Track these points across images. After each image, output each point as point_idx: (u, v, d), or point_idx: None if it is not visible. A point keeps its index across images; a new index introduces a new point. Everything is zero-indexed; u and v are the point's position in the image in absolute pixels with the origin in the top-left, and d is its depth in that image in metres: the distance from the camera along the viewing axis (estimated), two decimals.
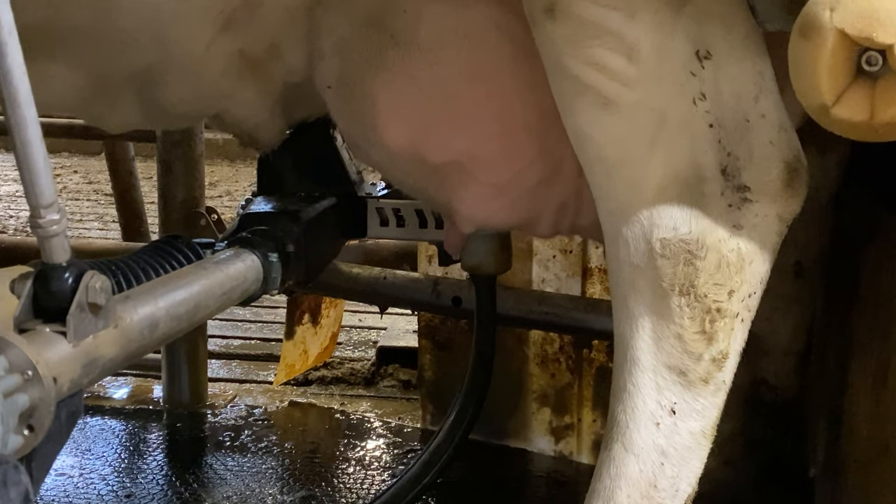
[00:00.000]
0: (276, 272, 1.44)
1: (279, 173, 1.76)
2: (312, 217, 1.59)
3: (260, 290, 1.41)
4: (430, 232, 1.82)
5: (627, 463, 1.26)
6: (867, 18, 0.89)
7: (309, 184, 1.74)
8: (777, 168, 1.23)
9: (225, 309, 1.31)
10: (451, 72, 1.44)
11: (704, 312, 1.24)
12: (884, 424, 1.58)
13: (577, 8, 1.18)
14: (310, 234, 1.55)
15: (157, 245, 1.30)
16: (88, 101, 1.48)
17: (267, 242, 1.45)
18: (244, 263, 1.36)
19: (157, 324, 1.09)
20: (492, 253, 1.88)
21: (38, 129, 0.93)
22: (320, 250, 1.62)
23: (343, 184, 1.76)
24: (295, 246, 1.49)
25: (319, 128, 1.76)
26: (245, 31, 1.40)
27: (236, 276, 1.32)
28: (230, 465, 2.58)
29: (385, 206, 1.79)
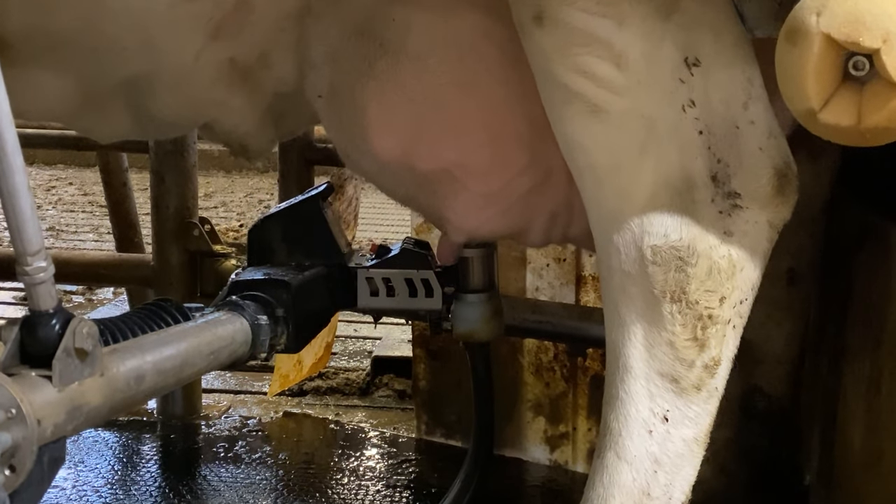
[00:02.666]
0: (264, 335, 1.46)
1: (269, 246, 1.78)
2: (302, 284, 1.62)
3: (248, 353, 1.42)
4: (420, 301, 1.83)
5: (620, 471, 1.26)
6: (853, 23, 0.89)
7: (299, 256, 1.76)
8: (767, 174, 1.23)
9: (213, 370, 1.33)
10: (441, 80, 1.44)
11: (696, 319, 1.24)
12: (877, 431, 1.58)
13: (566, 16, 1.19)
14: (299, 300, 1.57)
15: (147, 307, 1.32)
16: (78, 111, 1.47)
17: (256, 306, 1.47)
18: (233, 326, 1.38)
19: (144, 376, 1.10)
20: (483, 320, 1.89)
21: (25, 178, 0.94)
22: (310, 317, 1.64)
23: (333, 255, 1.79)
24: (284, 311, 1.52)
25: (309, 201, 1.81)
26: (235, 40, 1.40)
27: (225, 337, 1.34)
28: (224, 476, 2.57)
29: (375, 276, 1.81)
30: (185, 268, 2.69)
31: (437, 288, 1.82)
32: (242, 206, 6.74)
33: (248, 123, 1.57)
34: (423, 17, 1.42)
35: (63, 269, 2.92)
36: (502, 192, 1.54)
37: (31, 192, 0.95)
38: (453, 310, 1.89)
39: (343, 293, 1.80)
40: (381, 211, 5.76)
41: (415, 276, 1.81)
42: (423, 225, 2.57)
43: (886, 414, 1.54)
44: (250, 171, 7.64)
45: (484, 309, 1.89)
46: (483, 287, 1.89)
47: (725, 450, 2.06)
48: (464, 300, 1.89)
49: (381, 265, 1.81)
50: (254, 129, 1.59)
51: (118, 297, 4.21)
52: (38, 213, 3.60)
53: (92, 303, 4.26)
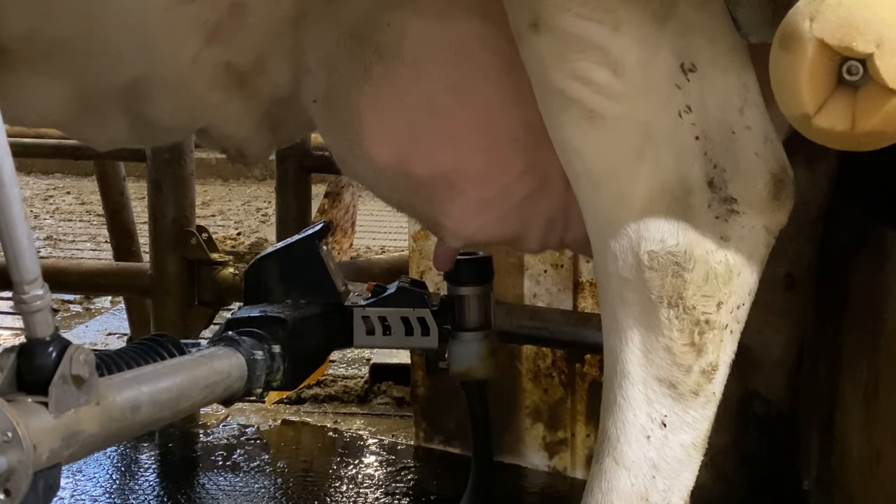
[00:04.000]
0: (260, 370, 1.46)
1: (266, 284, 1.78)
2: (298, 322, 1.62)
3: (244, 389, 1.42)
4: (416, 339, 1.83)
5: (619, 476, 1.26)
6: (846, 28, 0.90)
7: (295, 294, 1.76)
8: (763, 179, 1.23)
9: (208, 404, 1.33)
10: (437, 86, 1.44)
11: (693, 324, 1.24)
12: (875, 436, 1.58)
13: (562, 22, 1.19)
14: (295, 337, 1.57)
15: (143, 342, 1.32)
16: (76, 116, 1.48)
17: (252, 342, 1.48)
18: (229, 360, 1.39)
19: (140, 407, 1.09)
20: (480, 358, 1.90)
21: (22, 208, 0.95)
22: (306, 354, 1.64)
23: (329, 294, 1.79)
24: (280, 347, 1.51)
25: (306, 241, 1.81)
26: (231, 44, 1.41)
27: (221, 371, 1.34)
28: (223, 484, 2.56)
29: (371, 315, 1.81)
30: (183, 276, 2.69)
31: (433, 326, 1.81)
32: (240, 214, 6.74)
33: (245, 129, 1.57)
34: (419, 22, 1.43)
35: (61, 278, 2.92)
36: (499, 198, 1.54)
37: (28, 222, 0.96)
38: (449, 348, 1.89)
39: (339, 332, 1.80)
40: (378, 218, 5.76)
41: (411, 315, 1.81)
42: (421, 232, 2.57)
43: (884, 418, 1.55)
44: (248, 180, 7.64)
45: (480, 347, 1.90)
46: (479, 325, 1.90)
47: (724, 455, 2.06)
48: (460, 339, 1.89)
49: (377, 304, 1.82)
50: (251, 134, 1.59)
51: (116, 307, 4.20)
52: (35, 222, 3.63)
53: (90, 312, 4.26)
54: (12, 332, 3.99)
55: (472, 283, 1.91)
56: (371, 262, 2.94)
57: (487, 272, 1.94)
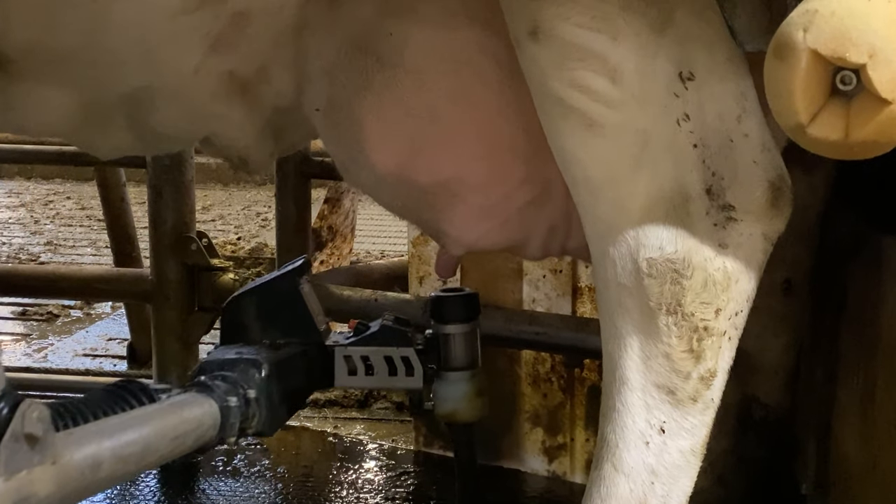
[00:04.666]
0: (234, 418, 1.39)
1: (243, 323, 1.72)
2: (276, 364, 1.56)
3: (217, 438, 1.36)
4: (400, 379, 1.77)
5: (618, 482, 1.27)
6: (840, 38, 0.91)
7: (274, 333, 1.70)
8: (761, 187, 1.24)
9: (178, 456, 1.25)
10: (438, 94, 1.45)
11: (692, 331, 1.25)
12: (872, 440, 1.59)
13: (560, 31, 1.20)
14: (273, 381, 1.52)
15: (110, 388, 1.25)
16: (79, 126, 1.49)
17: (227, 387, 1.42)
18: (201, 408, 1.32)
19: (101, 464, 1.02)
20: (467, 399, 1.84)
21: None
22: (284, 399, 1.58)
23: (309, 333, 1.73)
24: (256, 392, 1.46)
25: (285, 277, 1.76)
26: (234, 53, 1.42)
27: (191, 421, 1.27)
28: (223, 489, 2.57)
29: (353, 354, 1.75)
30: (183, 282, 2.70)
31: (417, 366, 1.76)
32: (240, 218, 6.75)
33: (247, 137, 1.58)
34: (420, 31, 1.44)
35: (61, 284, 2.93)
36: (500, 205, 1.55)
37: None
38: (435, 389, 1.84)
39: (320, 372, 1.75)
40: (378, 222, 5.76)
41: (394, 354, 1.76)
42: (420, 237, 2.58)
43: (880, 423, 1.55)
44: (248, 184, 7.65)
45: (467, 388, 1.84)
46: (466, 365, 1.85)
47: (723, 459, 2.07)
48: (446, 378, 1.83)
49: (360, 342, 1.76)
50: (253, 142, 1.60)
51: (116, 312, 4.21)
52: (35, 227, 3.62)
53: (90, 317, 4.27)
54: (13, 337, 4.00)
55: (458, 320, 1.85)
56: (371, 268, 2.94)
57: (473, 309, 1.89)
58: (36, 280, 2.95)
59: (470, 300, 1.89)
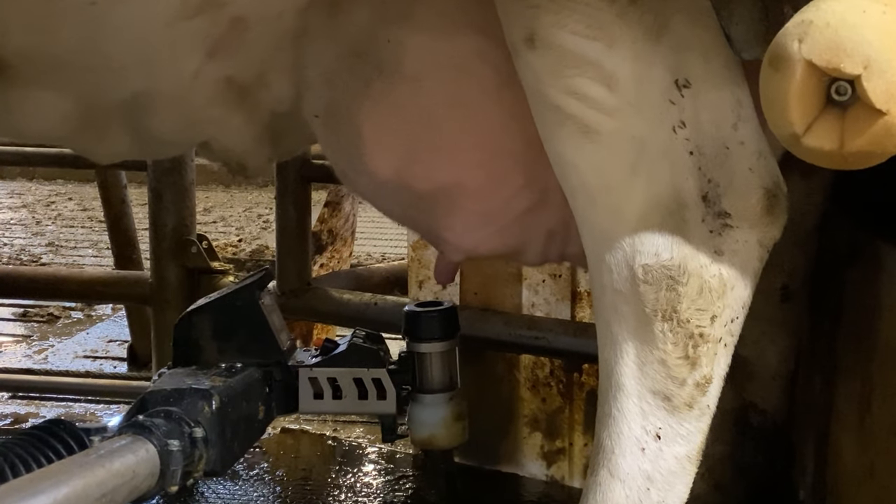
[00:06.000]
0: (175, 464, 1.24)
1: (196, 343, 1.57)
2: (230, 394, 1.41)
3: (156, 487, 1.21)
4: (371, 403, 1.62)
5: (613, 488, 1.27)
6: (835, 49, 0.91)
7: (231, 354, 1.55)
8: (757, 194, 1.25)
9: None
10: (436, 101, 1.46)
11: (687, 338, 1.25)
12: (869, 447, 1.59)
13: (557, 38, 1.20)
14: (226, 414, 1.37)
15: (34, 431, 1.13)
16: (78, 131, 1.49)
17: (168, 427, 1.26)
18: (135, 456, 1.15)
19: None
20: (444, 424, 1.70)
21: None
22: (238, 432, 1.42)
23: (270, 353, 1.58)
24: (205, 430, 1.31)
25: (245, 293, 1.61)
26: (232, 58, 1.42)
27: (122, 473, 1.10)
28: (222, 493, 2.57)
29: (319, 376, 1.61)
30: (183, 285, 2.70)
31: (390, 388, 1.64)
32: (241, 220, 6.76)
33: (246, 142, 1.59)
34: (419, 38, 1.44)
35: (62, 286, 2.94)
36: (499, 212, 1.55)
37: None
38: (410, 413, 1.71)
39: (282, 396, 1.61)
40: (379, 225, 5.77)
41: (365, 376, 1.62)
42: (420, 241, 2.58)
43: (878, 430, 1.55)
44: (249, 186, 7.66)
45: (444, 411, 1.70)
46: (443, 387, 1.70)
47: (720, 465, 2.07)
48: (421, 402, 1.69)
49: (326, 363, 1.63)
50: (252, 148, 1.60)
51: (117, 313, 4.22)
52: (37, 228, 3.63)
53: (91, 319, 4.27)
54: (14, 338, 4.01)
55: (435, 338, 1.70)
56: (371, 272, 2.95)
57: (452, 325, 1.73)
58: (37, 282, 2.96)
59: (447, 315, 1.73)
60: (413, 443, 1.75)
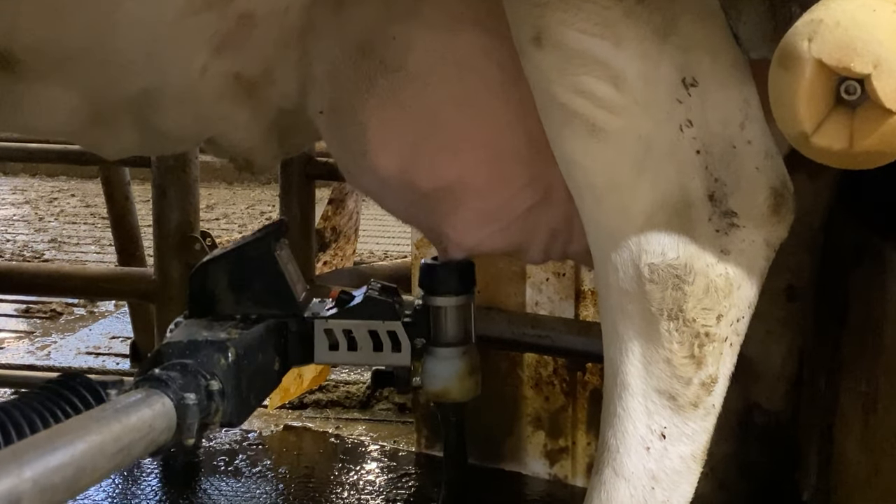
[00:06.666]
0: (192, 417, 1.21)
1: (213, 294, 1.55)
2: (246, 346, 1.39)
3: (172, 440, 1.19)
4: (385, 356, 1.62)
5: (618, 487, 1.27)
6: (844, 48, 0.91)
7: (247, 305, 1.55)
8: (763, 194, 1.24)
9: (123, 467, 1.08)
10: (441, 98, 1.45)
11: (693, 337, 1.25)
12: (874, 448, 1.58)
13: (564, 37, 1.20)
14: (241, 367, 1.36)
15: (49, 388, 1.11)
16: (85, 126, 1.49)
17: (185, 380, 1.24)
18: (152, 410, 1.13)
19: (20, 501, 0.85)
20: (458, 377, 1.69)
21: None
22: (254, 383, 1.41)
23: (286, 304, 1.57)
24: (220, 383, 1.29)
25: (260, 243, 1.60)
26: (239, 54, 1.42)
27: (139, 428, 1.08)
28: (224, 490, 2.57)
29: (334, 328, 1.60)
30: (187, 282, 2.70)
31: (405, 341, 1.63)
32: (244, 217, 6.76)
33: (252, 138, 1.58)
34: (425, 35, 1.44)
35: (65, 282, 2.94)
36: (502, 210, 1.55)
37: None
38: (424, 365, 1.69)
39: (297, 347, 1.60)
40: (382, 223, 5.77)
41: (380, 328, 1.62)
42: (423, 239, 2.57)
43: (883, 431, 1.55)
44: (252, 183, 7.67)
45: (458, 365, 1.69)
46: (458, 340, 1.69)
47: (724, 465, 2.07)
48: (435, 355, 1.68)
49: (342, 315, 1.62)
50: (258, 144, 1.60)
51: (120, 310, 4.22)
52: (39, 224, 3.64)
53: (94, 315, 4.27)
54: (16, 334, 4.01)
55: (451, 292, 1.69)
56: (374, 269, 2.94)
57: (468, 279, 1.71)
58: (40, 278, 2.96)
59: (464, 269, 1.71)
60: (426, 395, 1.74)
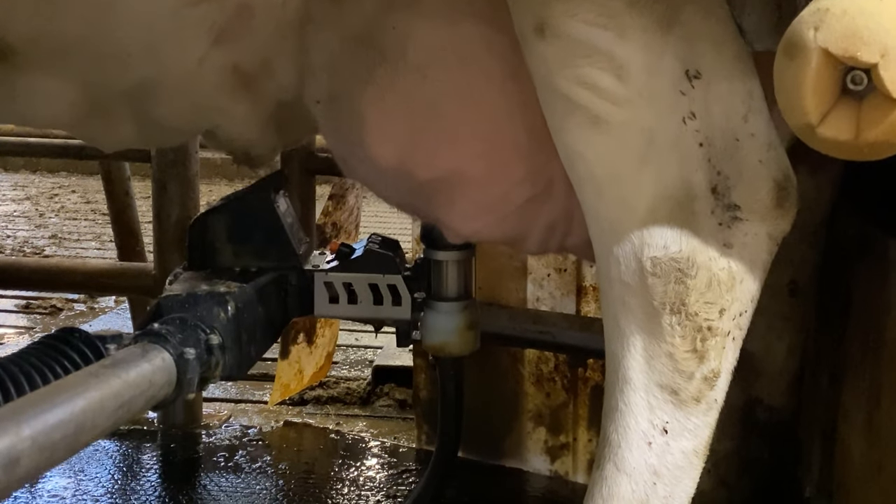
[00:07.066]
0: (192, 372, 1.20)
1: (212, 245, 1.54)
2: (246, 299, 1.38)
3: (173, 395, 1.18)
4: (386, 309, 1.61)
5: (619, 483, 1.26)
6: (851, 38, 0.90)
7: (246, 257, 1.53)
8: (766, 187, 1.23)
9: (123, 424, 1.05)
10: (440, 89, 1.44)
11: (695, 331, 1.24)
12: (877, 444, 1.57)
13: (567, 27, 1.19)
14: (241, 320, 1.34)
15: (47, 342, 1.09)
16: (83, 118, 1.48)
17: (184, 335, 1.22)
18: (151, 365, 1.11)
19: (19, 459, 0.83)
20: (457, 332, 1.69)
21: None
22: (254, 336, 1.39)
23: (286, 256, 1.56)
24: (220, 337, 1.28)
25: (259, 194, 1.60)
26: (238, 46, 1.41)
27: (139, 384, 1.06)
28: (224, 485, 2.57)
29: (335, 281, 1.59)
30: None
31: (405, 295, 1.63)
32: None
33: (251, 131, 1.57)
34: (424, 26, 1.43)
35: (65, 277, 2.93)
36: (499, 202, 1.54)
37: None
38: (423, 319, 1.69)
39: (297, 299, 1.59)
40: (383, 219, 5.76)
41: (380, 282, 1.61)
42: None
43: (886, 427, 1.54)
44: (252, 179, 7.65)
45: (458, 320, 1.69)
46: (458, 295, 1.70)
47: (726, 462, 2.06)
48: (436, 309, 1.68)
49: (342, 268, 1.62)
50: (257, 136, 1.59)
51: (120, 306, 4.21)
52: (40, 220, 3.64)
53: (94, 311, 4.27)
54: (16, 330, 4.00)
55: (452, 246, 1.68)
56: None
57: None
58: (40, 273, 2.95)
59: None
60: (425, 348, 1.73)
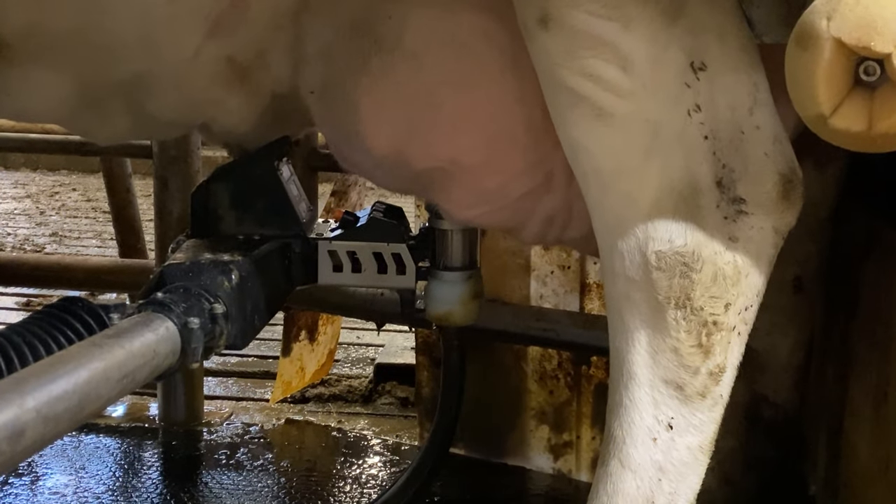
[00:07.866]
0: (196, 341, 1.19)
1: (215, 213, 1.53)
2: (250, 268, 1.37)
3: (177, 364, 1.17)
4: (390, 278, 1.61)
5: (624, 479, 1.25)
6: (865, 27, 0.88)
7: (250, 225, 1.53)
8: (772, 180, 1.22)
9: (127, 394, 1.04)
10: (436, 79, 1.43)
11: (701, 325, 1.22)
12: (884, 441, 1.56)
13: (571, 19, 1.18)
14: (245, 287, 1.34)
15: (50, 312, 1.07)
16: (77, 110, 1.46)
17: (188, 304, 1.21)
18: (155, 334, 1.10)
19: (23, 432, 0.82)
20: (461, 301, 1.69)
21: None
22: (259, 306, 1.39)
23: (290, 224, 1.55)
24: (224, 306, 1.27)
25: (262, 160, 1.58)
26: (233, 37, 1.40)
27: (143, 353, 1.05)
28: (226, 483, 2.56)
29: (339, 249, 1.59)
30: None
31: (409, 264, 1.62)
32: None
33: (246, 124, 1.56)
34: (421, 14, 1.41)
35: (65, 274, 2.93)
36: (497, 193, 1.52)
37: None
38: (427, 288, 1.69)
39: (301, 268, 1.58)
40: None
41: (384, 250, 1.61)
42: None
43: (893, 423, 1.53)
44: None
45: (462, 289, 1.68)
46: (463, 265, 1.69)
47: (731, 458, 2.05)
48: (440, 278, 1.67)
49: (346, 236, 1.60)
50: (252, 129, 1.58)
51: None
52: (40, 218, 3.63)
53: None
54: None
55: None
56: None
57: None
58: (40, 270, 2.95)
59: None
60: (428, 317, 1.72)
